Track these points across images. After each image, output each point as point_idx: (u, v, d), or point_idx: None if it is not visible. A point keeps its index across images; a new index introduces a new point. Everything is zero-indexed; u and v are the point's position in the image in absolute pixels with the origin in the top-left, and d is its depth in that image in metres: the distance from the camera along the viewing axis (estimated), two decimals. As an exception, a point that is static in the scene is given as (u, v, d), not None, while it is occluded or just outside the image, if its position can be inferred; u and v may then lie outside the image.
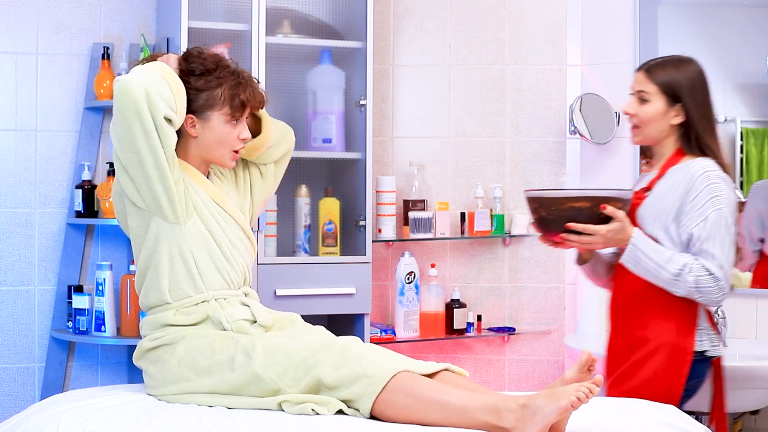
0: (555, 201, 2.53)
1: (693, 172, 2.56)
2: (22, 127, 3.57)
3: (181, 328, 2.36)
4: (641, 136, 2.70)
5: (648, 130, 2.68)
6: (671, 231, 2.57)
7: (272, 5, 3.44)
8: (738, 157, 3.62)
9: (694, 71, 2.67)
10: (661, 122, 2.65)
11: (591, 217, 2.52)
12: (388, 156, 3.84)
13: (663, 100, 2.64)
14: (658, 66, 2.66)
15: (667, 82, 2.63)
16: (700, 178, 2.54)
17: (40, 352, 3.58)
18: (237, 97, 2.43)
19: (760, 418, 3.52)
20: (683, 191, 2.56)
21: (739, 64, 3.64)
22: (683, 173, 2.59)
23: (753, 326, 3.57)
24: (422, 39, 3.85)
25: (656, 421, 2.18)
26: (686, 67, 2.66)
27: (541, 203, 2.56)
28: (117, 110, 2.31)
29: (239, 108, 2.45)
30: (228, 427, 2.06)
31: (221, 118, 2.45)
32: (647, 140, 2.70)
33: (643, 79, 2.66)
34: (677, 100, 2.63)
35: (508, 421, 2.03)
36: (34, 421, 2.16)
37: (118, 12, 3.64)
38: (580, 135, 3.71)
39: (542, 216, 2.57)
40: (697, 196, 2.54)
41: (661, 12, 3.72)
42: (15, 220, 3.56)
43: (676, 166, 2.63)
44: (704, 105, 2.66)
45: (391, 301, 3.80)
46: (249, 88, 2.47)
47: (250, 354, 2.23)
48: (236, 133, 2.47)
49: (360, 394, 2.13)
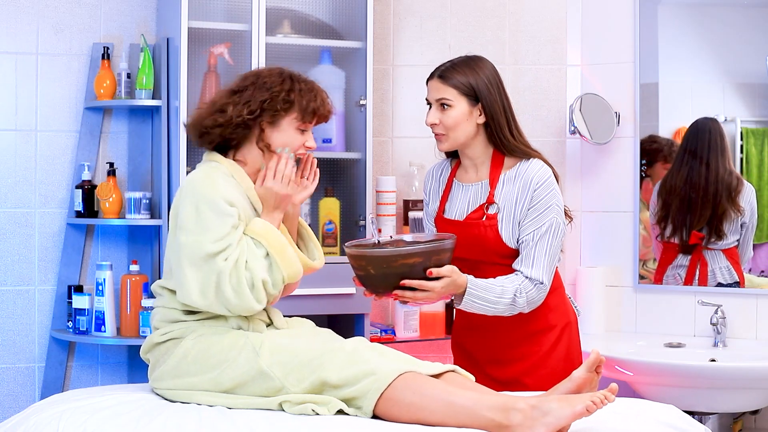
0: (386, 259, 2.39)
1: (533, 180, 2.55)
2: (22, 127, 3.57)
3: (192, 323, 2.36)
4: (448, 143, 2.62)
5: (455, 135, 2.61)
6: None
7: (272, 5, 3.44)
8: (738, 157, 3.63)
9: (488, 68, 2.62)
10: (466, 124, 2.60)
11: (423, 272, 2.41)
12: (388, 156, 3.84)
13: (464, 101, 2.59)
14: (451, 70, 2.61)
15: (465, 83, 2.58)
16: (541, 187, 2.55)
17: (40, 352, 3.58)
18: (309, 103, 2.41)
19: (760, 418, 3.52)
20: (527, 201, 2.55)
21: (739, 64, 3.64)
22: (520, 182, 2.57)
23: (753, 326, 3.57)
24: (422, 39, 3.85)
25: (656, 421, 2.18)
26: (479, 66, 2.62)
27: (369, 261, 2.40)
28: (224, 302, 2.27)
29: (310, 115, 2.43)
30: (228, 427, 2.06)
31: (292, 123, 2.43)
32: (455, 145, 2.63)
33: (440, 86, 2.60)
34: (477, 100, 2.58)
35: (516, 419, 2.02)
36: (34, 421, 2.16)
37: (118, 12, 3.64)
38: (580, 135, 3.71)
39: (371, 273, 2.42)
40: (536, 204, 2.55)
41: (661, 12, 3.72)
42: (15, 220, 3.56)
43: (508, 173, 2.60)
44: (503, 100, 2.61)
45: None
46: (320, 98, 2.43)
47: (258, 351, 2.23)
48: (303, 140, 2.45)
49: (364, 391, 2.12)
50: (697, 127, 3.65)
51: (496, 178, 2.61)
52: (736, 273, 3.60)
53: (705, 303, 3.52)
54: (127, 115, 3.66)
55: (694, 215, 3.63)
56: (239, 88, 2.40)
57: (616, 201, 3.78)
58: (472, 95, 2.58)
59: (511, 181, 2.59)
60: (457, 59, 2.65)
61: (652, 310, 3.73)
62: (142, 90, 3.49)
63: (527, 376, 2.62)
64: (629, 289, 3.77)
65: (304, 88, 2.40)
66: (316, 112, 2.41)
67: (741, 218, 3.59)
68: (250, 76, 2.43)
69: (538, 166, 2.58)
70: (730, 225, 3.59)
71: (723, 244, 3.61)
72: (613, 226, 3.79)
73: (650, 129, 3.71)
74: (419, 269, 2.40)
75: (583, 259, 3.85)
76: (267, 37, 3.38)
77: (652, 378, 3.30)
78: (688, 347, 3.53)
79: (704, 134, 3.64)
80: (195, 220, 2.26)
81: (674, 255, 3.68)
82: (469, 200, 2.65)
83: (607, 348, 3.48)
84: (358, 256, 2.42)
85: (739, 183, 3.60)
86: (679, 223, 3.66)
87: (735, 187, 3.59)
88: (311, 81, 2.45)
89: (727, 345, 3.50)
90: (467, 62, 2.62)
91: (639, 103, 3.72)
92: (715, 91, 3.69)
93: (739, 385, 3.26)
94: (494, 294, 2.49)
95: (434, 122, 2.61)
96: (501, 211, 2.57)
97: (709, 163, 3.61)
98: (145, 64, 3.49)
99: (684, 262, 3.67)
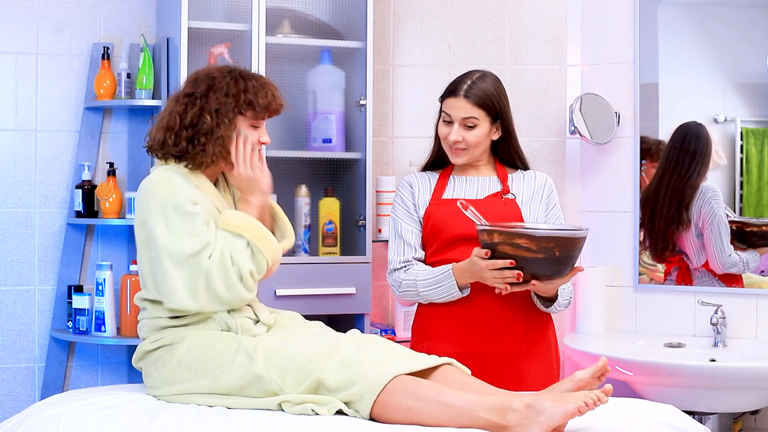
0: (574, 241, 2.40)
1: (548, 184, 2.73)
2: (22, 127, 3.57)
3: (181, 329, 2.35)
4: (468, 156, 2.67)
5: (475, 151, 2.67)
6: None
7: (272, 5, 3.44)
8: (738, 157, 3.62)
9: (501, 85, 2.69)
10: (486, 141, 2.67)
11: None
12: (388, 156, 3.84)
13: (488, 121, 2.65)
14: (475, 88, 2.63)
15: (490, 104, 2.63)
16: (553, 192, 2.72)
17: (40, 352, 3.58)
18: (262, 101, 2.40)
19: (760, 418, 3.52)
20: (545, 200, 2.70)
21: (739, 64, 3.64)
22: (533, 183, 2.71)
23: (753, 326, 3.57)
24: (422, 39, 3.85)
25: (656, 421, 2.18)
26: (496, 83, 2.67)
27: (559, 243, 2.36)
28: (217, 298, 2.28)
29: (263, 111, 2.42)
30: (228, 427, 2.06)
31: (246, 121, 2.42)
32: (473, 159, 2.69)
33: (467, 105, 2.62)
34: (497, 118, 2.66)
35: (512, 419, 2.02)
36: (34, 421, 2.16)
37: (118, 12, 3.64)
38: (580, 135, 3.71)
39: (554, 257, 2.38)
40: (554, 207, 2.71)
41: (661, 12, 3.72)
42: (15, 220, 3.56)
43: (515, 175, 2.73)
44: (510, 113, 2.70)
45: (391, 301, 3.80)
46: (270, 93, 2.43)
47: (252, 355, 2.23)
48: (257, 136, 2.45)
49: (360, 394, 2.12)
50: (679, 131, 3.65)
51: (505, 177, 2.71)
52: (723, 282, 3.60)
53: (705, 303, 3.52)
54: (127, 115, 3.66)
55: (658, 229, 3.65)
56: (194, 94, 2.39)
57: (616, 201, 3.78)
58: (495, 115, 2.64)
59: (521, 180, 2.72)
60: (474, 77, 2.65)
61: (652, 310, 3.73)
62: (142, 90, 3.49)
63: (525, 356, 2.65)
64: (629, 289, 3.77)
65: (255, 85, 2.41)
66: (269, 108, 2.42)
67: (690, 230, 3.60)
68: (202, 78, 2.42)
69: (543, 173, 2.76)
70: (689, 242, 3.61)
71: (699, 262, 3.61)
72: (613, 226, 3.79)
73: (650, 129, 3.71)
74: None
75: (583, 259, 3.84)
76: (267, 37, 3.38)
77: (652, 378, 3.30)
78: (688, 347, 3.53)
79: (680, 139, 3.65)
80: (165, 225, 2.27)
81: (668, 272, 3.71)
82: (478, 187, 2.71)
83: (607, 348, 3.49)
84: (547, 237, 2.35)
85: (691, 191, 3.59)
86: (653, 235, 3.68)
87: (686, 197, 3.61)
88: (260, 76, 2.46)
89: (727, 345, 3.50)
90: (485, 80, 2.65)
91: (639, 103, 3.72)
92: (715, 91, 3.69)
93: (739, 385, 3.26)
94: (568, 287, 2.63)
95: (458, 140, 2.64)
96: (518, 199, 2.67)
97: (675, 172, 3.63)
98: (145, 64, 3.49)
99: (674, 277, 3.68)
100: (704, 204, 3.59)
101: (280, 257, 2.40)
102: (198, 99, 2.38)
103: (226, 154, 2.39)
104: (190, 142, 2.36)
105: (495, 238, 2.39)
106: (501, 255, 2.40)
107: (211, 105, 2.36)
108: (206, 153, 2.36)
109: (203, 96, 2.38)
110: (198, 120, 2.36)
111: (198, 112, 2.36)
